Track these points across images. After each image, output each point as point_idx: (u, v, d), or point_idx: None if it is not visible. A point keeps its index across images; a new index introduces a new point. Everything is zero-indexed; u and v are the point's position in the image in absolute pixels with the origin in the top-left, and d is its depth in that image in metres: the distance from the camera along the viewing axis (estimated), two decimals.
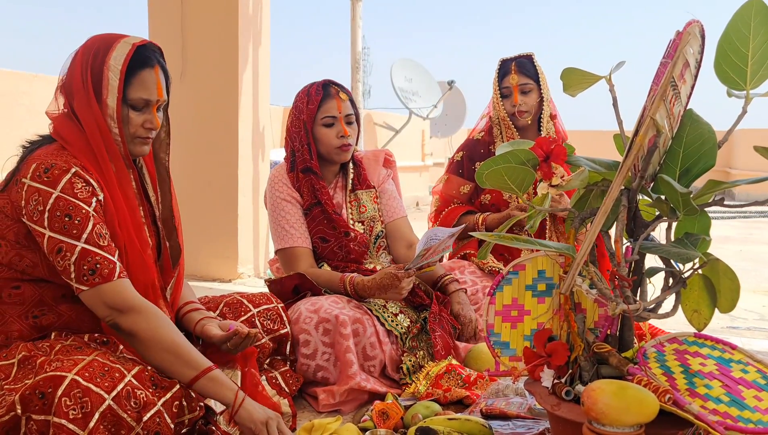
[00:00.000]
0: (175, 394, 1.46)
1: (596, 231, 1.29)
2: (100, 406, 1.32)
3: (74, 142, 1.51)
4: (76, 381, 1.32)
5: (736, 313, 3.34)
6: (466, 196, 2.67)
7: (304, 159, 2.23)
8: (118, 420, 1.34)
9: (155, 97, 1.56)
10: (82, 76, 1.50)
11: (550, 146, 1.38)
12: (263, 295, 1.97)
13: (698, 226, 1.36)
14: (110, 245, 1.47)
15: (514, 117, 2.58)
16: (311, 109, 2.22)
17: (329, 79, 2.29)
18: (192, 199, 3.80)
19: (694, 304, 1.37)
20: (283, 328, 1.92)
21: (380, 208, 2.36)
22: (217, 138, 3.77)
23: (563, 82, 1.45)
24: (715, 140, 1.33)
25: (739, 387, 1.27)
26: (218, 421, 1.63)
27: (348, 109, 2.24)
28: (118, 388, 1.35)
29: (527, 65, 2.58)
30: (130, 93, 1.52)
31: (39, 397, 1.31)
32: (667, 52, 1.28)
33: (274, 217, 2.25)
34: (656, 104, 1.24)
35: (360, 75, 4.73)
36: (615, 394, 1.13)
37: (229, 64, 3.71)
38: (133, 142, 1.57)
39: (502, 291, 1.50)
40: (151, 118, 1.57)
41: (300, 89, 2.30)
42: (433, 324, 2.12)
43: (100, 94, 1.50)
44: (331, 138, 2.22)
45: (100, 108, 1.51)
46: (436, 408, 1.74)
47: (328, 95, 2.23)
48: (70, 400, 1.30)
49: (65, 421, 1.29)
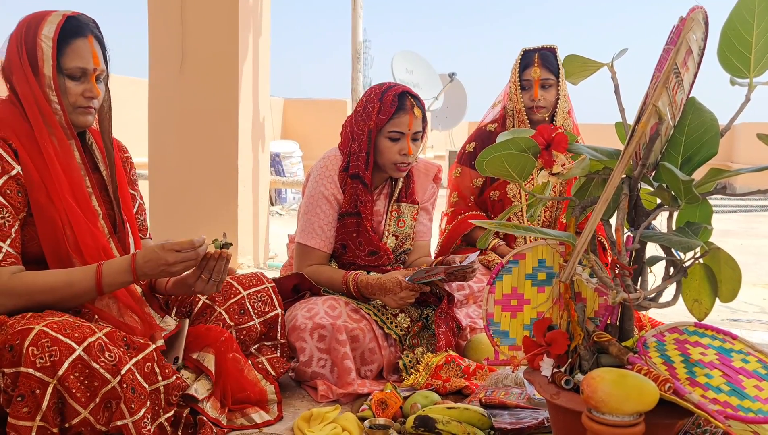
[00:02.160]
0: (147, 355, 1.47)
1: (597, 219, 1.28)
2: (69, 355, 1.32)
3: (5, 117, 1.53)
4: (44, 332, 1.32)
5: (737, 306, 3.34)
6: (479, 190, 2.64)
7: (359, 166, 2.14)
8: (91, 372, 1.34)
9: (91, 66, 1.56)
10: (18, 52, 1.52)
11: (551, 134, 1.37)
12: (253, 276, 1.94)
13: (700, 215, 1.35)
14: (4, 230, 1.46)
15: (531, 111, 2.54)
16: (381, 120, 2.10)
17: (407, 89, 2.14)
18: (192, 189, 3.79)
19: (694, 294, 1.36)
20: (273, 310, 1.91)
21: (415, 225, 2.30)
22: (217, 129, 3.75)
23: (565, 69, 1.44)
24: (718, 129, 1.31)
25: (740, 377, 1.27)
26: (205, 408, 1.63)
27: (418, 127, 2.12)
28: (89, 339, 1.35)
29: (551, 59, 2.53)
30: (65, 62, 1.54)
31: (8, 350, 1.32)
32: (670, 38, 1.27)
33: (309, 208, 2.18)
34: (659, 91, 1.23)
35: (360, 66, 4.70)
36: (615, 382, 1.12)
37: (229, 55, 3.70)
38: (75, 112, 1.58)
39: (501, 280, 1.49)
40: (90, 87, 1.57)
41: (373, 88, 2.17)
42: (439, 320, 2.11)
43: (36, 66, 1.52)
44: (392, 153, 2.12)
45: (38, 79, 1.52)
46: (435, 398, 1.73)
47: (402, 108, 2.10)
48: (37, 350, 1.31)
49: (32, 370, 1.30)
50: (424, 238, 2.34)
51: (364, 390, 1.90)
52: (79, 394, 1.33)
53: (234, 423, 1.69)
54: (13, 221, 1.48)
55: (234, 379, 1.71)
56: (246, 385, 1.73)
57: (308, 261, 2.17)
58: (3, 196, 1.47)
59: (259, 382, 1.79)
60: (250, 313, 1.86)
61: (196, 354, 1.70)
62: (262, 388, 1.77)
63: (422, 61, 7.52)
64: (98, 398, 1.35)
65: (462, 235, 2.58)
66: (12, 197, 1.48)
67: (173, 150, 3.82)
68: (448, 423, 1.49)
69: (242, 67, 3.73)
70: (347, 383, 1.91)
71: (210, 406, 1.64)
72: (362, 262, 2.18)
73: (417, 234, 2.31)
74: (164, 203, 3.87)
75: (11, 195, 1.48)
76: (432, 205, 2.37)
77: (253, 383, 1.75)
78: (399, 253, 2.28)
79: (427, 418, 1.50)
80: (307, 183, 2.26)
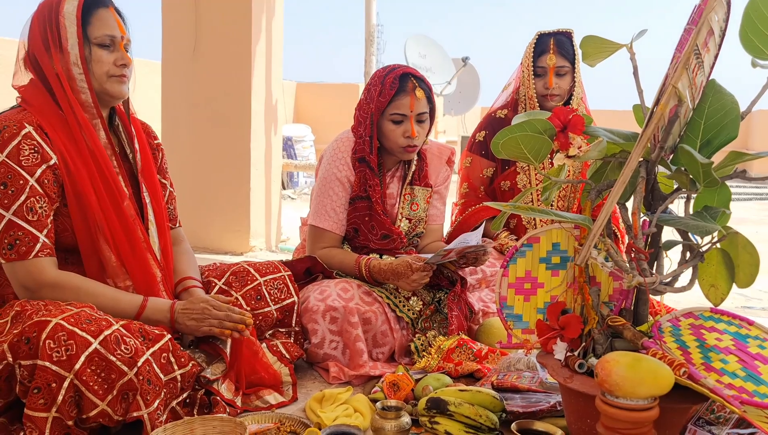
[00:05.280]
0: (163, 346, 1.48)
1: (613, 202, 1.27)
2: (85, 349, 1.33)
3: (34, 102, 1.54)
4: (61, 325, 1.33)
5: (751, 294, 3.31)
6: (489, 180, 2.60)
7: (364, 150, 2.12)
8: (108, 364, 1.35)
9: (119, 34, 1.57)
10: (41, 34, 1.52)
11: (567, 116, 1.35)
12: (270, 264, 1.95)
13: (718, 199, 1.33)
14: (42, 220, 1.47)
15: (544, 99, 2.47)
16: (381, 102, 2.07)
17: (409, 69, 2.10)
18: (204, 173, 3.80)
19: (711, 279, 1.35)
20: (289, 298, 1.92)
21: (428, 209, 2.28)
22: (230, 112, 3.75)
23: (582, 51, 1.41)
24: (738, 111, 1.29)
25: (756, 362, 1.26)
26: (220, 390, 1.64)
27: (422, 108, 2.08)
28: (105, 333, 1.37)
29: (566, 45, 2.45)
30: (92, 32, 1.54)
31: (25, 343, 1.33)
32: (691, 18, 1.24)
33: (321, 190, 2.17)
34: (679, 72, 1.21)
35: (374, 49, 4.67)
36: (630, 366, 1.12)
37: (242, 37, 3.68)
38: (110, 81, 1.58)
39: (515, 263, 1.48)
40: (121, 55, 1.58)
41: (378, 71, 2.14)
42: (452, 303, 2.10)
43: (60, 45, 1.52)
44: (396, 136, 2.09)
45: (63, 58, 1.52)
46: (447, 380, 1.73)
47: (403, 90, 2.06)
48: (54, 343, 1.32)
49: (49, 363, 1.31)
50: (437, 221, 2.33)
51: (376, 372, 1.91)
52: (96, 387, 1.34)
53: (249, 405, 1.70)
54: (49, 211, 1.49)
55: (248, 362, 1.71)
56: (260, 367, 1.74)
57: (321, 243, 2.17)
58: (41, 186, 1.47)
59: (273, 365, 1.80)
60: (267, 299, 1.87)
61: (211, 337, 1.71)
62: (276, 371, 1.78)
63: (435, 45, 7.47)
64: (116, 390, 1.36)
65: (473, 228, 2.55)
66: (48, 187, 1.49)
67: (186, 133, 3.82)
68: (460, 405, 1.49)
69: (255, 50, 3.72)
70: (359, 365, 1.92)
71: (225, 387, 1.65)
72: (375, 245, 2.18)
73: (430, 217, 2.30)
74: (177, 186, 3.80)
75: (48, 185, 1.49)
76: (445, 188, 2.35)
77: (266, 366, 1.76)
78: (412, 237, 2.28)
79: (439, 400, 1.51)
80: (319, 166, 2.25)
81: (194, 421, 1.39)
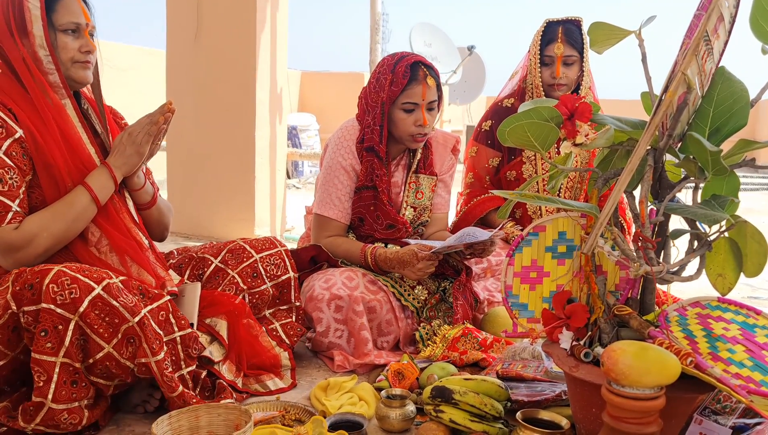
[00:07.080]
0: (162, 305, 1.50)
1: (621, 191, 1.26)
2: (89, 293, 1.35)
3: (2, 85, 1.54)
4: (63, 271, 1.36)
5: (758, 284, 3.29)
6: (494, 170, 2.58)
7: (373, 139, 2.11)
8: (111, 309, 1.37)
9: (83, 21, 1.59)
10: (5, 19, 1.53)
11: (574, 104, 1.34)
12: (266, 240, 1.94)
13: (726, 188, 1.31)
14: (13, 191, 1.48)
15: (551, 88, 2.45)
16: (393, 91, 2.06)
17: (420, 59, 2.10)
18: (209, 161, 3.80)
19: (719, 268, 1.34)
20: (286, 274, 1.91)
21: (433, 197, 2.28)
22: (235, 100, 3.74)
23: (590, 37, 1.40)
24: (748, 99, 1.27)
25: (763, 352, 1.25)
26: (221, 371, 1.64)
27: (432, 96, 2.08)
28: (107, 280, 1.39)
29: (575, 34, 2.42)
30: (57, 19, 1.56)
31: (28, 289, 1.35)
32: (701, 4, 1.23)
33: (326, 179, 2.17)
34: (688, 59, 1.19)
35: (379, 38, 4.65)
36: (636, 355, 1.11)
37: (246, 25, 3.66)
38: (74, 67, 1.59)
39: (521, 252, 1.48)
40: (85, 42, 1.59)
41: (386, 59, 2.13)
42: (457, 292, 2.10)
43: (24, 29, 1.53)
44: (407, 125, 2.08)
45: (28, 41, 1.53)
46: (452, 369, 1.73)
47: (414, 79, 2.05)
48: (57, 287, 1.34)
49: (53, 306, 1.33)
50: (441, 210, 2.33)
51: (381, 361, 1.91)
52: (101, 330, 1.37)
53: (249, 388, 1.71)
54: (20, 182, 1.50)
55: (248, 344, 1.73)
56: (260, 350, 1.75)
57: (326, 232, 2.17)
58: (9, 158, 1.49)
59: (273, 348, 1.80)
60: (263, 276, 1.86)
61: (209, 320, 1.72)
62: (275, 353, 1.79)
63: (441, 34, 7.42)
64: (120, 334, 1.39)
65: (478, 218, 2.54)
66: (17, 159, 1.50)
67: (191, 121, 3.81)
68: (465, 394, 1.48)
69: (260, 38, 3.70)
70: (364, 354, 1.92)
71: (226, 368, 1.66)
72: (380, 235, 2.18)
73: (435, 206, 2.30)
74: (182, 174, 3.88)
75: (17, 157, 1.50)
76: (450, 177, 2.34)
77: (266, 349, 1.77)
78: (417, 225, 2.27)
79: (444, 389, 1.50)
80: (324, 154, 2.25)
81: (199, 408, 1.39)
